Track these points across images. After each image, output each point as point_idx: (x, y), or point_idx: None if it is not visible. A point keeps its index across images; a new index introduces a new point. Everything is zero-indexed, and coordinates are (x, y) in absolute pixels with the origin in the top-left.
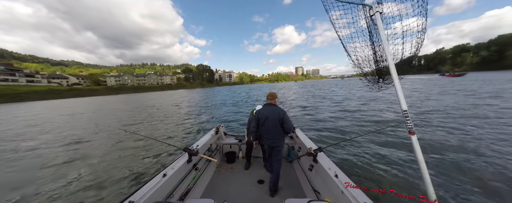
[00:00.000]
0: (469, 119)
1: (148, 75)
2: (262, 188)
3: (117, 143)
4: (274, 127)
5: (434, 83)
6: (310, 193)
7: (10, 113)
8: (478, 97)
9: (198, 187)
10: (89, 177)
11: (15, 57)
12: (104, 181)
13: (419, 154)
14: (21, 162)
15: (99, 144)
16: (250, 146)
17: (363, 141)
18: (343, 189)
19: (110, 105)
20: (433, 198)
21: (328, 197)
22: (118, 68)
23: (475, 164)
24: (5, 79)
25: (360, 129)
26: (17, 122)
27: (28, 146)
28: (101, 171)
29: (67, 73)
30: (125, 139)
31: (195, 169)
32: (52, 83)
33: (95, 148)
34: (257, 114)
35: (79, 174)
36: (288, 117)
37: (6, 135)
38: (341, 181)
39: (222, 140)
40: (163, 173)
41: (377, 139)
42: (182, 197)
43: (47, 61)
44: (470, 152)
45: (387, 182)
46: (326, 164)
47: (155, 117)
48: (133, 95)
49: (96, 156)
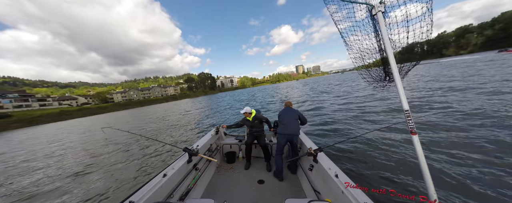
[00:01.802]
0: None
1: (152, 88)
2: (262, 188)
3: (121, 145)
4: (295, 121)
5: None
6: (310, 193)
7: (32, 136)
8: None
9: (198, 187)
10: (91, 177)
11: (26, 83)
12: (105, 181)
13: (420, 154)
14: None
15: (104, 148)
16: (250, 146)
17: (363, 141)
18: (343, 189)
19: (122, 119)
20: (433, 198)
21: (328, 197)
22: (123, 84)
23: (480, 164)
24: (20, 105)
25: (361, 129)
26: (42, 142)
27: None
28: (103, 172)
29: (76, 94)
30: (128, 141)
31: (195, 169)
32: (63, 105)
33: (101, 151)
34: (279, 115)
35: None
36: (302, 114)
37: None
38: (341, 181)
39: (222, 140)
40: (163, 173)
41: (378, 139)
42: (182, 197)
43: (55, 84)
44: (474, 151)
45: (387, 182)
46: (326, 164)
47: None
48: (140, 109)
49: (101, 158)
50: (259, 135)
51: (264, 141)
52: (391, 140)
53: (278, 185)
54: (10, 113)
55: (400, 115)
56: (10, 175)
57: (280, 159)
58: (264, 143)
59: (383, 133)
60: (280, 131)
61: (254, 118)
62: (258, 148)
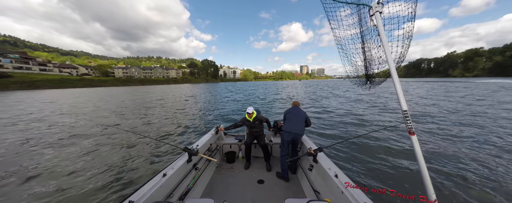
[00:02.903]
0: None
1: (154, 68)
2: (262, 188)
3: (118, 142)
4: (301, 122)
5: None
6: (310, 193)
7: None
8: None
9: (198, 187)
10: (88, 175)
11: (27, 45)
12: (104, 181)
13: (419, 154)
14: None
15: (99, 143)
16: (250, 146)
17: (363, 141)
18: (343, 189)
19: (125, 96)
20: (433, 198)
21: (328, 197)
22: (125, 60)
23: (477, 164)
24: (20, 67)
25: (360, 129)
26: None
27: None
28: (100, 171)
29: (77, 63)
30: (126, 138)
31: (195, 169)
32: (63, 73)
33: (95, 147)
34: (286, 113)
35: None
36: (308, 116)
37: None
38: (341, 181)
39: (222, 140)
40: (163, 173)
41: (377, 139)
42: (182, 197)
43: (57, 50)
44: (471, 152)
45: (387, 182)
46: (326, 164)
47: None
48: (141, 87)
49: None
50: (259, 135)
51: (264, 141)
52: (390, 140)
53: (277, 185)
54: (10, 73)
55: (399, 116)
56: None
57: (285, 159)
58: (264, 143)
59: (382, 133)
60: (286, 128)
61: (255, 119)
62: (258, 148)
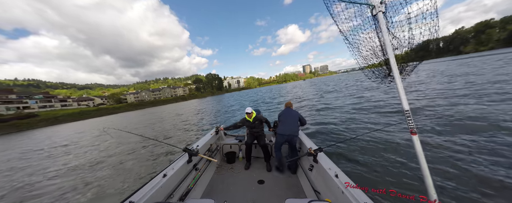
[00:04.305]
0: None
1: (162, 89)
2: (262, 188)
3: (122, 145)
4: (294, 122)
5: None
6: (310, 193)
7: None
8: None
9: (198, 187)
10: (90, 176)
11: (48, 85)
12: (104, 180)
13: (420, 154)
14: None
15: (106, 146)
16: (250, 147)
17: (363, 141)
18: (343, 189)
19: (135, 120)
20: (433, 198)
21: (328, 197)
22: (135, 86)
23: (478, 164)
24: (44, 106)
25: (361, 129)
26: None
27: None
28: (102, 172)
29: (92, 95)
30: (129, 141)
31: (195, 169)
32: (82, 105)
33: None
34: (279, 115)
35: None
36: (302, 115)
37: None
38: (341, 181)
39: (222, 140)
40: (163, 173)
41: (378, 139)
42: (182, 197)
43: (74, 86)
44: (475, 151)
45: (387, 182)
46: (326, 164)
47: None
48: (152, 109)
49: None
50: (259, 135)
51: (264, 141)
52: (391, 140)
53: (278, 185)
54: (36, 112)
55: (400, 115)
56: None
57: (280, 154)
58: (264, 143)
59: (383, 133)
60: (279, 131)
61: (255, 119)
62: (258, 148)
